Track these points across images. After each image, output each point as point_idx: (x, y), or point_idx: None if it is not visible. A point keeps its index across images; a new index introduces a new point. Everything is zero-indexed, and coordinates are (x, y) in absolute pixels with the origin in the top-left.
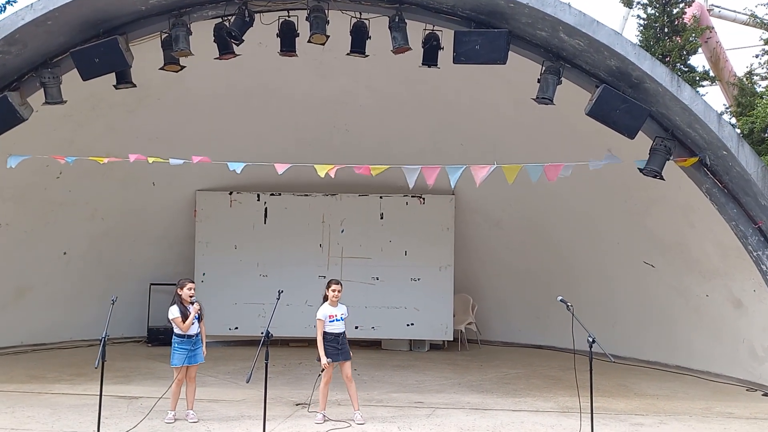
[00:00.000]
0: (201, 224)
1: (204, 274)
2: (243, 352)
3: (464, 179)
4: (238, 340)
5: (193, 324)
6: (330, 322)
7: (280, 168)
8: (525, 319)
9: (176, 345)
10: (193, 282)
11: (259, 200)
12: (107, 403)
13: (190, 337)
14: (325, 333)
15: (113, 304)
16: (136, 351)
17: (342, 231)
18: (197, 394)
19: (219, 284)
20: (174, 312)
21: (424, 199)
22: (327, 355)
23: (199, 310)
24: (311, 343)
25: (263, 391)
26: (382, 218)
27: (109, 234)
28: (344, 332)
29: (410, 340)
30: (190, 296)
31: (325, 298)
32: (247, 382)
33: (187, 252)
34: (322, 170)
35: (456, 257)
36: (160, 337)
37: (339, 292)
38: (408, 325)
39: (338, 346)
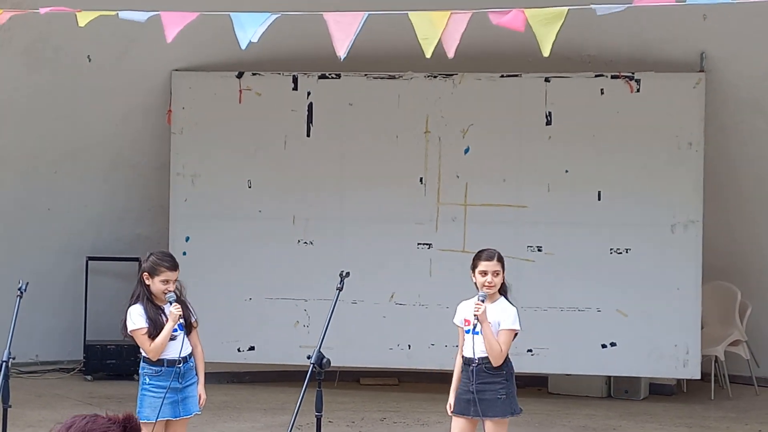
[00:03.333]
0: (180, 139)
1: (187, 239)
2: (268, 396)
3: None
4: (257, 371)
5: (174, 339)
6: (466, 332)
7: (342, 34)
8: None
9: (147, 381)
10: (175, 262)
11: (297, 88)
12: None
13: (172, 365)
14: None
15: (21, 296)
16: (66, 389)
17: (466, 151)
18: None
19: (216, 261)
20: (136, 319)
21: (638, 81)
22: (456, 399)
23: (182, 314)
24: (404, 378)
25: None
26: (549, 122)
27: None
28: (477, 360)
29: (608, 377)
30: (166, 291)
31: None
32: None
33: (156, 196)
34: (427, 35)
35: (709, 205)
36: (107, 362)
37: (496, 275)
38: (604, 346)
39: (469, 387)
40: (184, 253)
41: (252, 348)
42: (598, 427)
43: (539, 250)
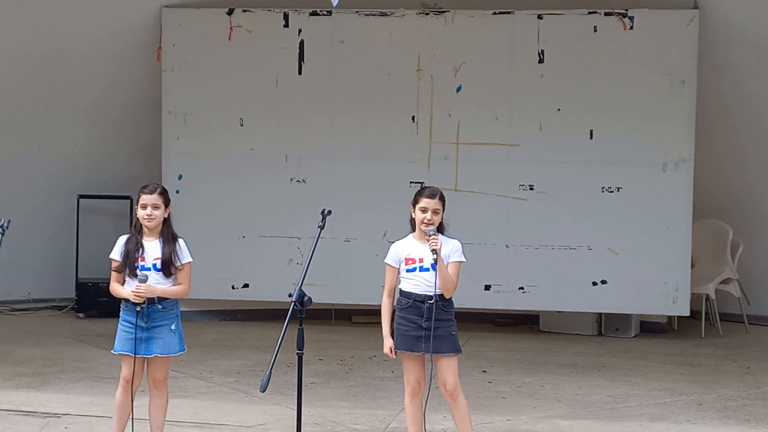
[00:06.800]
0: (171, 77)
1: (180, 177)
2: (260, 333)
3: None
4: (249, 309)
5: (146, 277)
6: (408, 271)
7: None
8: None
9: (120, 315)
10: (154, 187)
11: (288, 25)
12: (3, 425)
13: (134, 303)
14: (400, 293)
15: (3, 233)
16: (58, 326)
17: (458, 89)
18: (172, 414)
19: (209, 200)
20: (115, 249)
21: (632, 18)
22: (396, 337)
23: (166, 257)
24: None
25: (295, 410)
26: (541, 60)
27: None
28: (435, 297)
29: (599, 314)
30: (146, 216)
31: (412, 225)
32: (262, 390)
33: (150, 136)
34: None
35: (701, 143)
36: (99, 300)
37: (436, 213)
38: (595, 283)
39: (421, 323)
40: (177, 191)
41: (246, 285)
42: (587, 365)
43: (531, 189)
